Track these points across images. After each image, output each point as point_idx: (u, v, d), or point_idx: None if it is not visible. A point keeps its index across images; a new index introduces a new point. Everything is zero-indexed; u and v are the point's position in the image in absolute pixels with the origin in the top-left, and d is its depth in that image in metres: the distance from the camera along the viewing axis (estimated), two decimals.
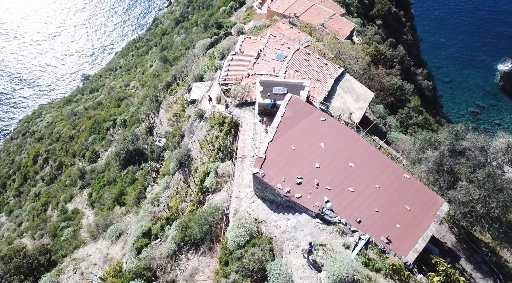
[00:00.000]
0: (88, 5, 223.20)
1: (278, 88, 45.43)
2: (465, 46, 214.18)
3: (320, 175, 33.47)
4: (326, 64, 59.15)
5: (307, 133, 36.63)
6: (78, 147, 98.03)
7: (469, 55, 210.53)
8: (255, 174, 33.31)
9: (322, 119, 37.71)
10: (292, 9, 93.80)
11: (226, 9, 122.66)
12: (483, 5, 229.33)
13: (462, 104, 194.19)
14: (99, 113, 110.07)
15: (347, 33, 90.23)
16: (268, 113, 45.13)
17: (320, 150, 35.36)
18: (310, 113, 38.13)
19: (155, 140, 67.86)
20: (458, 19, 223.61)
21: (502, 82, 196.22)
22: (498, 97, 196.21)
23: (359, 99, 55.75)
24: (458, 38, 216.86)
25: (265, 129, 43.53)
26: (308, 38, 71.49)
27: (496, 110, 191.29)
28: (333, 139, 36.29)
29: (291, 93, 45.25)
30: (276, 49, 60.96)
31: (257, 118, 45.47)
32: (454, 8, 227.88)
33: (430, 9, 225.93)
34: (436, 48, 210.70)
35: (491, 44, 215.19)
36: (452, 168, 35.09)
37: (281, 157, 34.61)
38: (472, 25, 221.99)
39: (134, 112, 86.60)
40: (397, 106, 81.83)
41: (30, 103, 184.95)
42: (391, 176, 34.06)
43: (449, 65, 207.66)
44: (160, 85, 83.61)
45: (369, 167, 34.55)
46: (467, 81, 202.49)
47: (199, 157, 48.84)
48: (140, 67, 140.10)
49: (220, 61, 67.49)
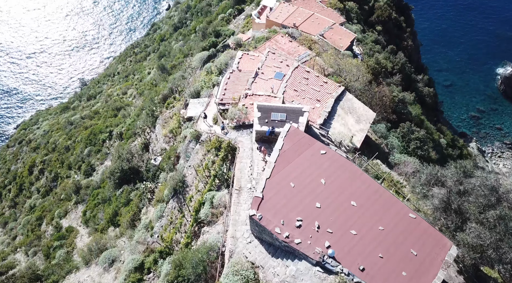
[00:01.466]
0: (87, 10, 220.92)
1: (277, 115, 43.34)
2: (465, 50, 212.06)
3: (321, 216, 31.39)
4: (326, 82, 57.07)
5: (307, 168, 34.55)
6: (73, 159, 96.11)
7: (469, 59, 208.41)
8: (252, 216, 31.23)
9: (323, 152, 35.62)
10: (291, 18, 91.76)
11: (224, 16, 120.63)
12: (483, 8, 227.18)
13: (463, 109, 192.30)
14: (95, 123, 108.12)
15: (347, 44, 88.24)
16: (266, 141, 43.10)
17: (321, 187, 33.28)
18: (309, 146, 36.06)
19: (150, 158, 65.86)
20: (458, 22, 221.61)
21: (503, 87, 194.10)
22: (498, 102, 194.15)
23: (360, 120, 53.66)
24: (458, 42, 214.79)
25: (263, 158, 41.52)
26: (307, 52, 69.40)
27: (497, 114, 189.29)
28: (334, 174, 34.21)
29: (290, 119, 43.26)
30: (274, 67, 58.86)
31: (255, 145, 43.41)
32: (454, 11, 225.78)
33: (430, 12, 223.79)
34: (436, 52, 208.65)
35: (491, 48, 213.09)
36: (460, 207, 33.03)
37: (280, 196, 32.52)
38: (472, 29, 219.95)
39: (130, 126, 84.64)
40: (399, 119, 79.93)
41: (28, 108, 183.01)
42: (396, 216, 31.98)
43: (449, 69, 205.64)
44: (157, 98, 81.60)
45: (372, 206, 32.47)
46: (468, 85, 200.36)
47: (195, 183, 46.81)
48: (138, 74, 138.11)
49: (218, 77, 65.44)
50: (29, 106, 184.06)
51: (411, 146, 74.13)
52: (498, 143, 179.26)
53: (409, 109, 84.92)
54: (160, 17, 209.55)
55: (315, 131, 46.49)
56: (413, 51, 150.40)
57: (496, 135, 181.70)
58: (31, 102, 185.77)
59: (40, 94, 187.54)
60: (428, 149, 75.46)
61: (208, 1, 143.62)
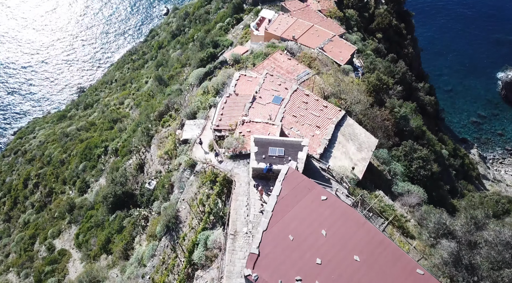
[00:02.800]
0: (84, 15, 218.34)
1: (274, 149, 40.84)
2: (465, 54, 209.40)
3: (322, 274, 28.91)
4: (326, 106, 54.56)
5: (306, 217, 32.06)
6: (68, 174, 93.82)
7: (470, 64, 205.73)
8: (247, 276, 28.77)
9: (323, 198, 33.14)
10: (290, 31, 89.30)
11: (223, 25, 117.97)
12: (483, 12, 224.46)
13: (464, 114, 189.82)
14: (91, 135, 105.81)
15: (347, 57, 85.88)
16: (264, 177, 40.63)
17: (322, 239, 30.79)
18: (309, 191, 33.57)
19: (145, 182, 63.40)
20: (458, 26, 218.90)
21: (504, 92, 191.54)
22: (500, 107, 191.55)
23: (362, 148, 51.17)
24: (459, 46, 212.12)
25: (260, 198, 39.08)
26: (307, 71, 66.88)
27: (498, 120, 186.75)
28: (336, 224, 31.72)
29: (288, 154, 40.79)
30: (272, 90, 56.31)
31: (252, 182, 40.96)
32: (455, 16, 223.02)
33: (430, 17, 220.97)
34: (437, 57, 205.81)
35: (492, 52, 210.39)
36: (471, 262, 30.56)
37: (278, 251, 30.04)
38: (473, 33, 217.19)
39: (126, 142, 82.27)
40: (401, 136, 77.53)
41: (24, 114, 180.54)
42: (403, 272, 29.48)
43: (450, 74, 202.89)
44: (153, 115, 79.16)
45: (377, 261, 29.97)
46: (468, 90, 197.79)
47: (188, 219, 44.34)
48: (135, 83, 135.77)
49: (214, 98, 62.92)
50: (27, 111, 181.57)
51: (414, 165, 71.80)
52: (500, 149, 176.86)
53: (411, 126, 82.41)
54: (159, 22, 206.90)
55: (315, 165, 43.97)
56: (413, 58, 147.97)
57: (498, 141, 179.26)
58: (28, 107, 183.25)
59: (38, 100, 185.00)
60: (431, 168, 73.09)
61: (206, 9, 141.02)
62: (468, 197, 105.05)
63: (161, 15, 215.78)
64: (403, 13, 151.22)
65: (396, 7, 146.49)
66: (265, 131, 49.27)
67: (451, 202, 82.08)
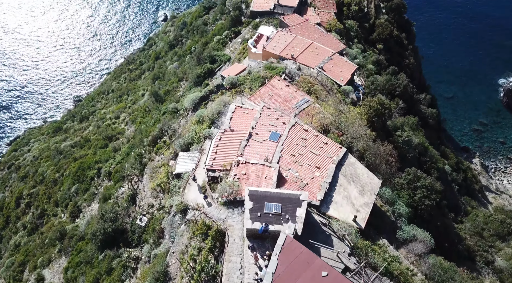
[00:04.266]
0: (81, 23, 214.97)
1: (271, 205, 37.30)
2: (466, 60, 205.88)
3: None
4: (326, 143, 51.07)
5: None
6: (60, 196, 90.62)
7: (471, 70, 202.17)
8: None
9: (324, 275, 29.69)
10: (289, 49, 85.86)
11: (220, 38, 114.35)
12: (484, 17, 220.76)
13: (465, 122, 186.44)
14: (85, 153, 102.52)
15: (348, 77, 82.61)
16: (259, 237, 37.13)
17: None
18: (309, 265, 30.13)
19: (136, 217, 59.98)
20: (459, 32, 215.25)
21: (506, 99, 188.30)
22: (501, 114, 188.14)
23: (364, 191, 47.64)
24: (460, 52, 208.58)
25: (255, 262, 35.62)
26: (305, 99, 63.31)
27: (500, 128, 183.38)
28: None
29: (285, 211, 37.30)
30: (269, 125, 52.76)
31: (246, 242, 37.50)
32: (455, 21, 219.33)
33: (431, 22, 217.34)
34: (438, 63, 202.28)
35: (493, 58, 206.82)
36: None
37: None
38: (473, 38, 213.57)
39: (119, 167, 78.90)
40: (404, 160, 74.21)
41: (20, 123, 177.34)
42: None
43: (450, 80, 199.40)
44: (146, 140, 75.70)
45: None
46: (470, 97, 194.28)
47: (179, 276, 40.88)
48: (132, 95, 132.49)
49: (209, 129, 59.41)
50: (23, 120, 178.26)
51: (417, 194, 68.52)
52: (502, 158, 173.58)
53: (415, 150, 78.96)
54: (156, 29, 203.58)
55: (315, 219, 40.50)
56: (415, 69, 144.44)
57: (500, 149, 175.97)
58: (25, 115, 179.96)
59: (35, 109, 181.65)
60: (436, 198, 69.67)
61: (204, 19, 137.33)
62: (472, 216, 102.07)
63: (160, 21, 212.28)
64: (404, 22, 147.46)
65: (397, 17, 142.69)
66: (261, 174, 45.91)
67: (456, 230, 78.92)
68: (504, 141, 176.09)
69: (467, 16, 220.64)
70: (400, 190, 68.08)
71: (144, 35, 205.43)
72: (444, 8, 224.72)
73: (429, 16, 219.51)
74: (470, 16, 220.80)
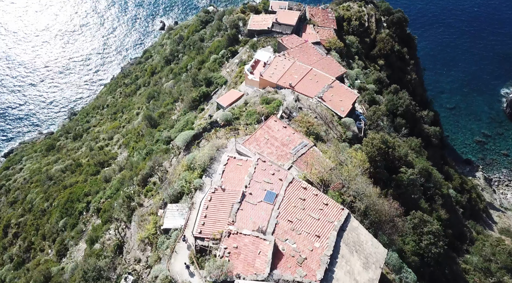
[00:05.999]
0: (77, 32, 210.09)
1: None
2: (468, 70, 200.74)
3: None
4: (326, 204, 45.92)
5: None
6: (48, 229, 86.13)
7: (473, 80, 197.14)
8: None
9: None
10: (287, 76, 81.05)
11: (217, 57, 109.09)
12: (486, 26, 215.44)
13: (467, 133, 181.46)
14: (75, 180, 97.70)
15: (349, 107, 77.97)
16: None
17: None
18: None
19: (121, 275, 55.01)
20: (461, 41, 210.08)
21: (508, 110, 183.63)
22: (504, 125, 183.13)
23: (369, 263, 42.54)
24: (461, 61, 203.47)
25: None
26: (304, 142, 58.21)
27: (503, 139, 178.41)
28: None
29: None
30: (264, 182, 47.59)
31: None
32: (457, 31, 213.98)
33: (432, 30, 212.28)
34: (439, 73, 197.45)
35: (495, 67, 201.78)
36: None
37: None
38: (475, 47, 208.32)
39: (107, 206, 74.01)
40: (408, 202, 69.23)
41: (16, 130, 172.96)
42: None
43: (452, 90, 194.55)
44: (136, 179, 70.64)
45: None
46: (472, 108, 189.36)
47: None
48: (126, 113, 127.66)
49: (200, 179, 54.36)
50: (18, 131, 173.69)
51: (424, 241, 63.78)
52: (505, 170, 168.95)
53: (420, 196, 73.78)
54: (153, 39, 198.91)
55: None
56: (417, 84, 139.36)
57: (503, 161, 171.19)
58: (19, 126, 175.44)
59: (30, 119, 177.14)
60: (444, 246, 64.69)
61: (200, 35, 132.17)
62: (478, 245, 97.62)
63: (157, 29, 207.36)
64: (405, 36, 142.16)
65: (399, 30, 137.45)
66: (255, 249, 40.92)
67: (465, 277, 74.06)
68: (507, 153, 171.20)
69: (470, 25, 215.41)
70: (405, 236, 63.45)
71: (141, 43, 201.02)
72: (446, 17, 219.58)
73: (430, 25, 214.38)
74: (472, 25, 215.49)
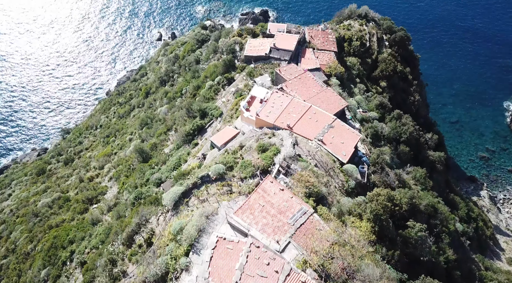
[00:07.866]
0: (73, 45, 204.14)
1: None
2: (471, 83, 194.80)
3: None
4: None
5: None
6: (30, 278, 79.87)
7: (476, 92, 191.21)
8: None
9: None
10: (285, 115, 74.76)
11: (213, 84, 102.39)
12: (489, 37, 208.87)
13: (471, 148, 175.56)
14: (61, 220, 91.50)
15: (351, 150, 71.56)
16: None
17: None
18: None
19: None
20: (463, 53, 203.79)
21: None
22: (509, 140, 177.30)
23: None
24: (464, 74, 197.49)
25: None
26: (303, 209, 51.50)
27: (507, 155, 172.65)
28: None
29: None
30: (258, 276, 40.94)
31: None
32: (459, 42, 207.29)
33: (434, 43, 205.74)
34: (442, 85, 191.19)
35: (499, 80, 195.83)
36: None
37: None
38: (478, 60, 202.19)
39: (90, 263, 67.60)
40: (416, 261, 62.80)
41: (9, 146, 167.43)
42: None
43: (455, 103, 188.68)
44: (121, 237, 64.06)
45: None
46: (475, 122, 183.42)
47: None
48: (119, 139, 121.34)
49: (186, 257, 47.72)
50: (12, 147, 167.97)
51: None
52: (511, 188, 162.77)
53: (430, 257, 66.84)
54: (150, 50, 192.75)
55: None
56: (420, 105, 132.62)
57: (508, 178, 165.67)
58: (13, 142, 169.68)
59: (24, 134, 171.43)
60: None
61: (196, 56, 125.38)
62: None
63: (154, 40, 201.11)
64: (408, 54, 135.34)
65: (401, 50, 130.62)
66: None
67: None
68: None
69: (473, 37, 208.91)
70: None
71: (139, 56, 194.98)
72: (448, 29, 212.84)
73: (433, 38, 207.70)
74: (475, 37, 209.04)
